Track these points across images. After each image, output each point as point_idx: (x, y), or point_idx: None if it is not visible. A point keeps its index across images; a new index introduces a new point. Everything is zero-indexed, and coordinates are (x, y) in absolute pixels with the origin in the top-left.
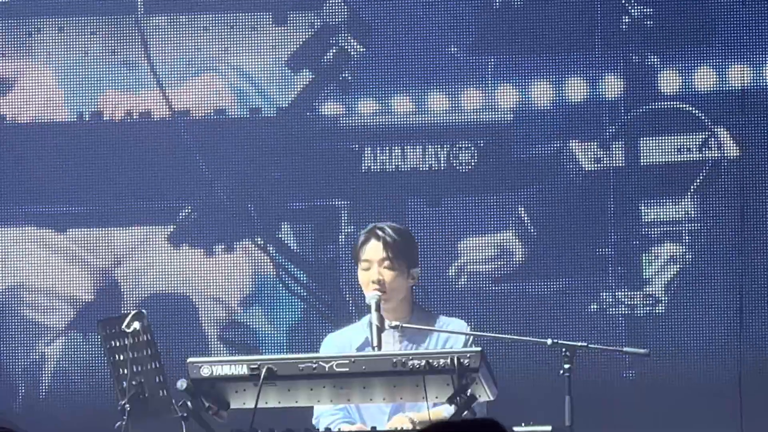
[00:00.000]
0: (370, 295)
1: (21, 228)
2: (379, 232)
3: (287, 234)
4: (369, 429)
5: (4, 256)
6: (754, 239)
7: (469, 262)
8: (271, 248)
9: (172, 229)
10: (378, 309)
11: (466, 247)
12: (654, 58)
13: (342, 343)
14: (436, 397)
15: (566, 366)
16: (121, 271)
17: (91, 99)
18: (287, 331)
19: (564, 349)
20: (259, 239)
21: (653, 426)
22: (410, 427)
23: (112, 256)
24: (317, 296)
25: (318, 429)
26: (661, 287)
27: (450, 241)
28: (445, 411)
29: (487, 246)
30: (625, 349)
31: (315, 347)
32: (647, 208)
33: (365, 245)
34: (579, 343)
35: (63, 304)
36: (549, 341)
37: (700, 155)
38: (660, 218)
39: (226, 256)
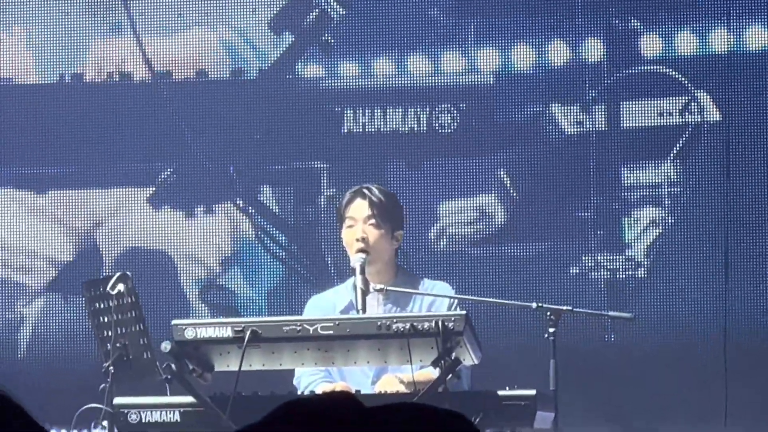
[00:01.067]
0: (355, 257)
1: (1, 189)
2: (365, 191)
3: (268, 196)
4: (347, 386)
5: None
6: (737, 203)
7: (450, 224)
8: (251, 210)
9: (152, 191)
10: (363, 272)
11: (447, 210)
12: (636, 22)
13: (326, 305)
14: (421, 361)
15: (551, 330)
16: (102, 233)
17: (72, 61)
18: (267, 293)
19: (549, 313)
20: (239, 201)
21: (636, 390)
22: (399, 385)
23: (93, 218)
24: (297, 258)
25: (299, 390)
26: (642, 251)
27: (430, 204)
28: (432, 372)
29: (468, 209)
30: (609, 313)
31: (295, 310)
32: (628, 172)
33: (350, 204)
34: (564, 307)
35: (43, 265)
36: (534, 305)
37: (682, 119)
38: (641, 182)
39: (206, 218)
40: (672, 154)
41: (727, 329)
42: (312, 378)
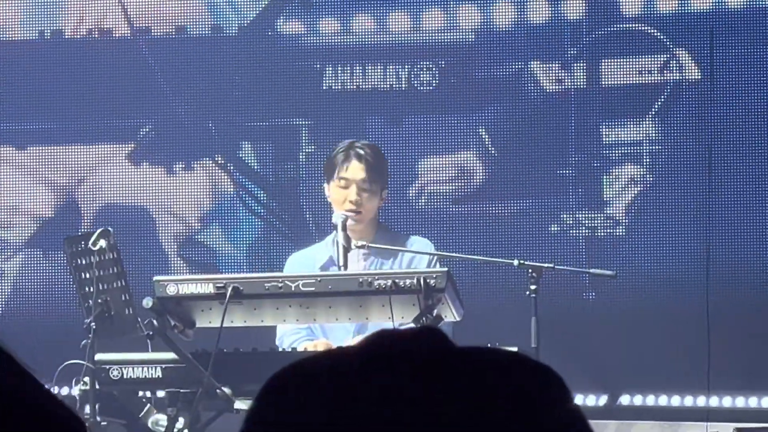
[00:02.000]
0: (337, 214)
1: None
2: (361, 152)
3: (247, 153)
4: (328, 342)
5: None
6: (717, 160)
7: (430, 182)
8: (231, 167)
9: (132, 147)
10: (344, 228)
11: (427, 167)
12: None
13: (306, 261)
14: (402, 317)
15: (532, 287)
16: (81, 189)
17: (52, 17)
18: (246, 249)
19: (530, 270)
20: (219, 158)
21: (617, 347)
22: None
23: (73, 174)
24: (277, 215)
25: (281, 348)
26: (622, 209)
27: (410, 161)
28: None
29: (448, 166)
30: (591, 270)
31: (274, 266)
32: (608, 130)
33: (346, 163)
34: (546, 264)
35: (23, 220)
36: (516, 262)
37: (661, 77)
38: (621, 140)
39: (186, 174)
40: (652, 112)
41: (708, 286)
42: (294, 337)
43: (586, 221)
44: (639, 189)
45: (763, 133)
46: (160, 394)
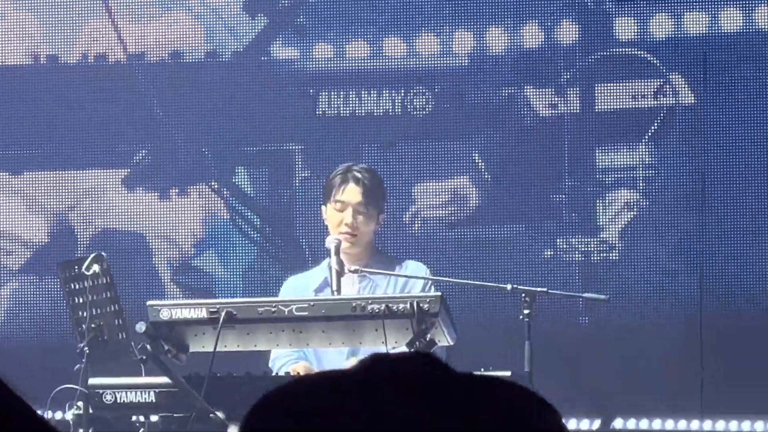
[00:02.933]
0: (330, 238)
1: None
2: (358, 175)
3: (242, 178)
4: (308, 366)
5: None
6: (710, 186)
7: (424, 207)
8: (225, 192)
9: (127, 173)
10: (337, 253)
11: (421, 192)
12: (610, 4)
13: (301, 286)
14: (396, 342)
15: (525, 311)
16: (76, 214)
17: (47, 42)
18: (241, 274)
19: (524, 295)
20: (213, 183)
21: (611, 372)
22: None
23: (67, 199)
24: (271, 240)
25: (274, 371)
26: (616, 234)
27: (405, 186)
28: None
29: (442, 191)
30: (584, 294)
31: (269, 291)
32: (602, 155)
33: (343, 186)
34: (539, 289)
35: (18, 246)
36: (509, 286)
37: (656, 102)
38: (615, 164)
39: (180, 199)
40: (646, 137)
41: (701, 312)
42: (286, 360)
43: (581, 246)
44: (633, 214)
45: (757, 158)
46: (154, 418)
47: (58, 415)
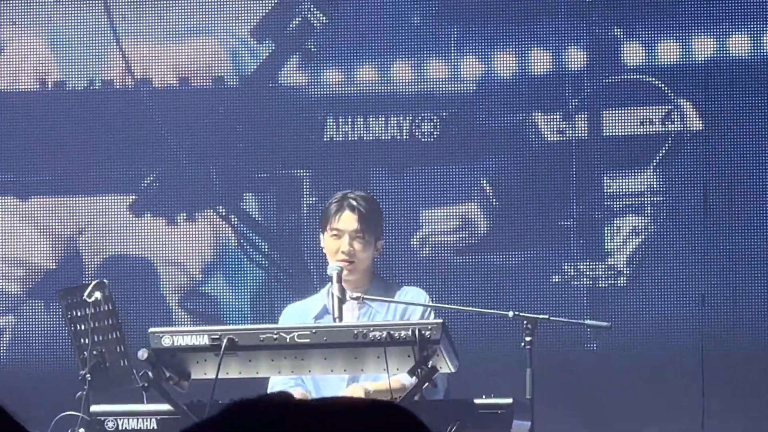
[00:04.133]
0: (332, 266)
1: None
2: (353, 203)
3: (250, 203)
4: (304, 393)
5: None
6: (717, 212)
7: (432, 233)
8: (233, 218)
9: (134, 198)
10: (339, 280)
11: (429, 217)
12: (617, 30)
13: (301, 313)
14: (397, 369)
15: (527, 339)
16: (83, 240)
17: (54, 67)
18: (249, 300)
19: (525, 322)
20: (221, 208)
21: (615, 399)
22: (363, 396)
23: (75, 225)
24: (279, 266)
25: None
26: (624, 259)
27: (412, 212)
28: (404, 378)
29: (450, 217)
30: (587, 321)
31: (277, 317)
32: (610, 180)
33: (339, 214)
34: (541, 316)
35: (24, 272)
36: (511, 313)
37: (663, 128)
38: (622, 190)
39: (188, 225)
40: (654, 163)
41: (705, 339)
42: (284, 386)
43: (588, 272)
44: (641, 239)
45: (764, 184)
46: None
47: None
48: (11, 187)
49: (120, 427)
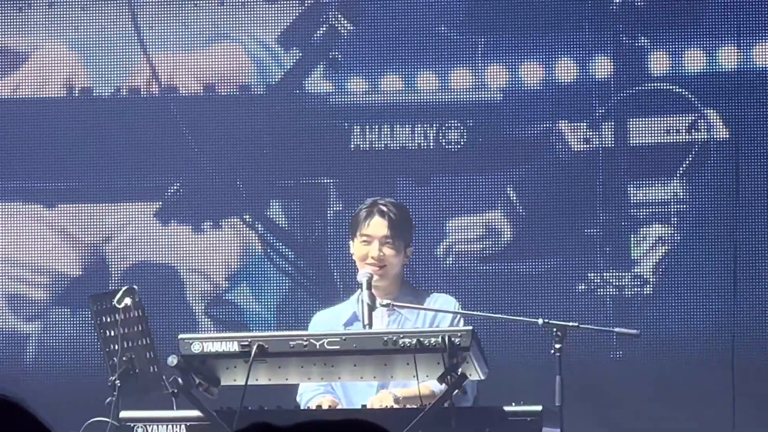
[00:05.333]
0: (362, 272)
1: (9, 203)
2: (384, 208)
3: (276, 211)
4: (334, 400)
5: None
6: (744, 221)
7: (458, 241)
8: (259, 225)
9: (159, 206)
10: (369, 287)
11: (455, 226)
12: (644, 39)
13: (330, 320)
14: (427, 376)
15: (557, 346)
16: (109, 247)
17: (80, 74)
18: (275, 308)
19: (555, 329)
20: (247, 216)
21: (643, 407)
22: (392, 403)
23: (101, 232)
24: (305, 274)
25: (301, 406)
26: (650, 268)
27: (438, 221)
28: (433, 385)
29: (476, 225)
30: (615, 329)
31: (302, 325)
32: (636, 189)
33: (368, 220)
34: (570, 323)
35: (51, 279)
36: (540, 321)
37: (689, 137)
38: (648, 199)
39: (214, 233)
40: (679, 172)
41: (734, 347)
42: (312, 394)
43: (614, 280)
44: (667, 248)
45: None
46: None
47: None
48: (37, 194)
49: None
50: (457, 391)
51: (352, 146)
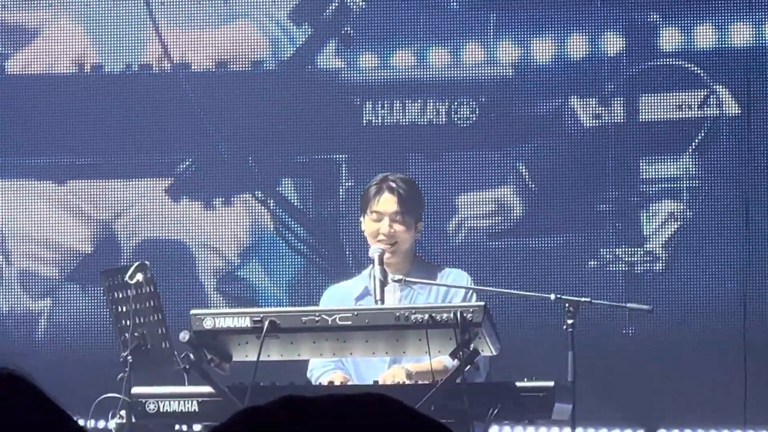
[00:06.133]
0: (374, 248)
1: (21, 180)
2: (393, 184)
3: (287, 188)
4: (345, 376)
5: (5, 207)
6: (755, 197)
7: (468, 217)
8: (270, 202)
9: (171, 182)
10: (381, 263)
11: (465, 202)
12: (655, 15)
13: (342, 295)
14: (439, 352)
15: (569, 321)
16: (120, 224)
17: (92, 51)
18: (286, 285)
19: (567, 305)
20: (258, 193)
21: (654, 383)
22: (405, 378)
23: (112, 209)
24: (316, 250)
25: (312, 381)
26: (661, 244)
27: (449, 196)
28: (446, 360)
29: (486, 201)
30: (628, 305)
31: (314, 301)
32: (647, 165)
33: (378, 196)
34: (583, 299)
35: (62, 255)
36: (552, 296)
37: (700, 113)
38: (659, 175)
39: (225, 209)
40: (691, 148)
41: (746, 323)
42: (323, 370)
43: (625, 257)
44: (678, 225)
45: None
46: (197, 427)
47: (101, 424)
48: (48, 171)
49: (161, 409)
50: (469, 366)
51: (364, 122)
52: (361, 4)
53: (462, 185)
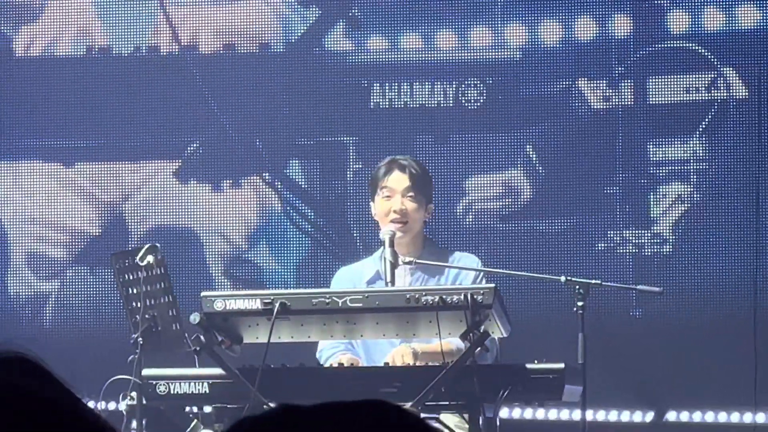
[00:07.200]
0: (385, 230)
1: (29, 162)
2: (404, 163)
3: (295, 170)
4: (354, 359)
5: (13, 189)
6: (764, 179)
7: (477, 199)
8: (278, 184)
9: (179, 164)
10: (392, 244)
11: (474, 184)
12: None
13: (353, 277)
14: (449, 334)
15: (579, 303)
16: (128, 206)
17: (100, 32)
18: (294, 267)
19: (578, 287)
20: (266, 175)
21: (664, 365)
22: (411, 358)
23: (120, 191)
24: (324, 233)
25: (321, 363)
26: (669, 227)
27: (457, 179)
28: (456, 341)
29: (495, 184)
30: (638, 287)
31: (322, 284)
32: (655, 148)
33: (388, 175)
34: (593, 281)
35: (69, 238)
36: (563, 278)
37: (708, 95)
38: (668, 158)
39: (233, 191)
40: (699, 130)
41: (756, 305)
42: (332, 351)
43: (633, 239)
44: (686, 207)
45: None
46: (207, 409)
47: (112, 406)
48: (56, 153)
49: (172, 391)
50: (479, 348)
51: (372, 104)
52: None
53: (470, 168)
